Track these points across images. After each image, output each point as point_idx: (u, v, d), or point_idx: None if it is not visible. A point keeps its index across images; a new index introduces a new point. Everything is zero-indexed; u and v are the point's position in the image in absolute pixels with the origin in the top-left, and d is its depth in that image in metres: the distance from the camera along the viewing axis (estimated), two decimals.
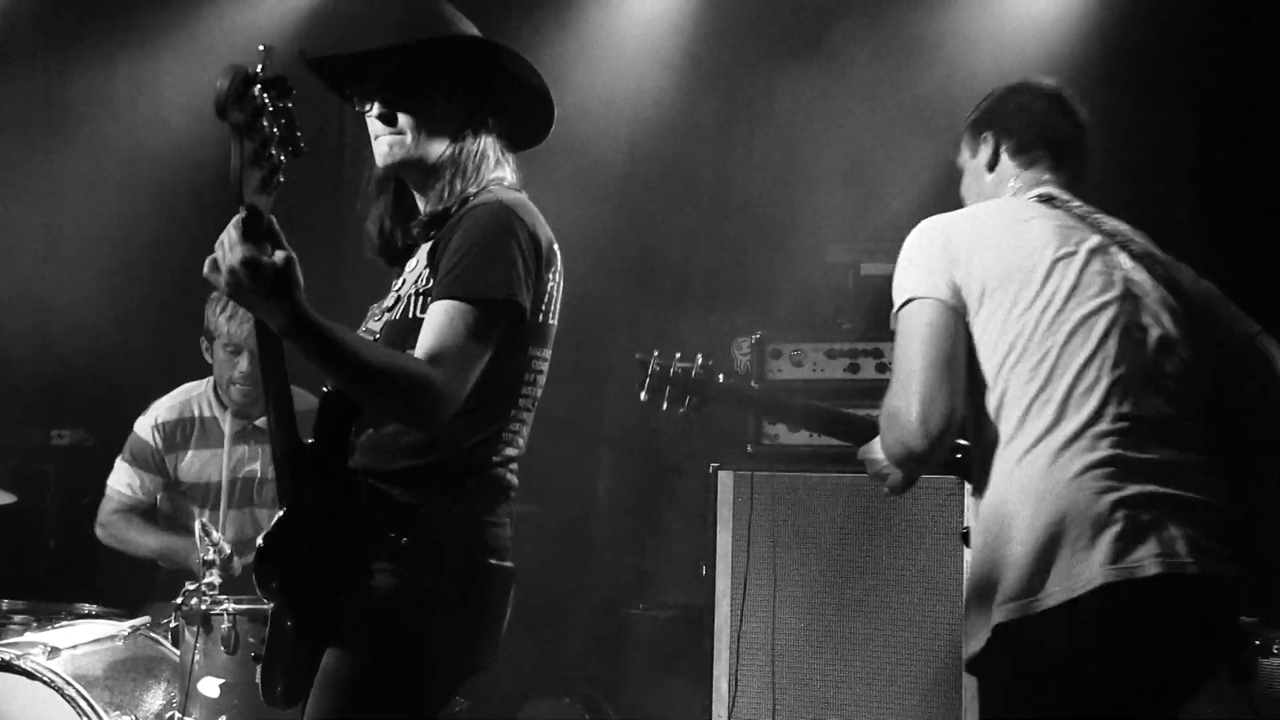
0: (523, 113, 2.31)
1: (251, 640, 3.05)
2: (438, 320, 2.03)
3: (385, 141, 2.21)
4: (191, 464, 3.91)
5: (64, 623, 3.40)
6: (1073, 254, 2.10)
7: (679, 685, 3.95)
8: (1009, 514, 2.00)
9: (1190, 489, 2.01)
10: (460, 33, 2.23)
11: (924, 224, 2.19)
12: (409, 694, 2.09)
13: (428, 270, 2.15)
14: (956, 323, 2.07)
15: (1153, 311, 2.11)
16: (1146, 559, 1.93)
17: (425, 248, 2.19)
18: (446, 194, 2.19)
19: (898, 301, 2.13)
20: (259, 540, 2.03)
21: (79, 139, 5.17)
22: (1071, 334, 2.03)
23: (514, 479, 2.21)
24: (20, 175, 5.16)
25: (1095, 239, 2.15)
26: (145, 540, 3.91)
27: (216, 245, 1.81)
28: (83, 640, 3.23)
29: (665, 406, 2.52)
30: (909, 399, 2.03)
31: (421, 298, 2.13)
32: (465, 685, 2.23)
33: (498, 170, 2.24)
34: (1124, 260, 2.14)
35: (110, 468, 4.04)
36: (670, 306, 4.50)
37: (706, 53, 4.76)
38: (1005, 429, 2.04)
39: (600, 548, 4.58)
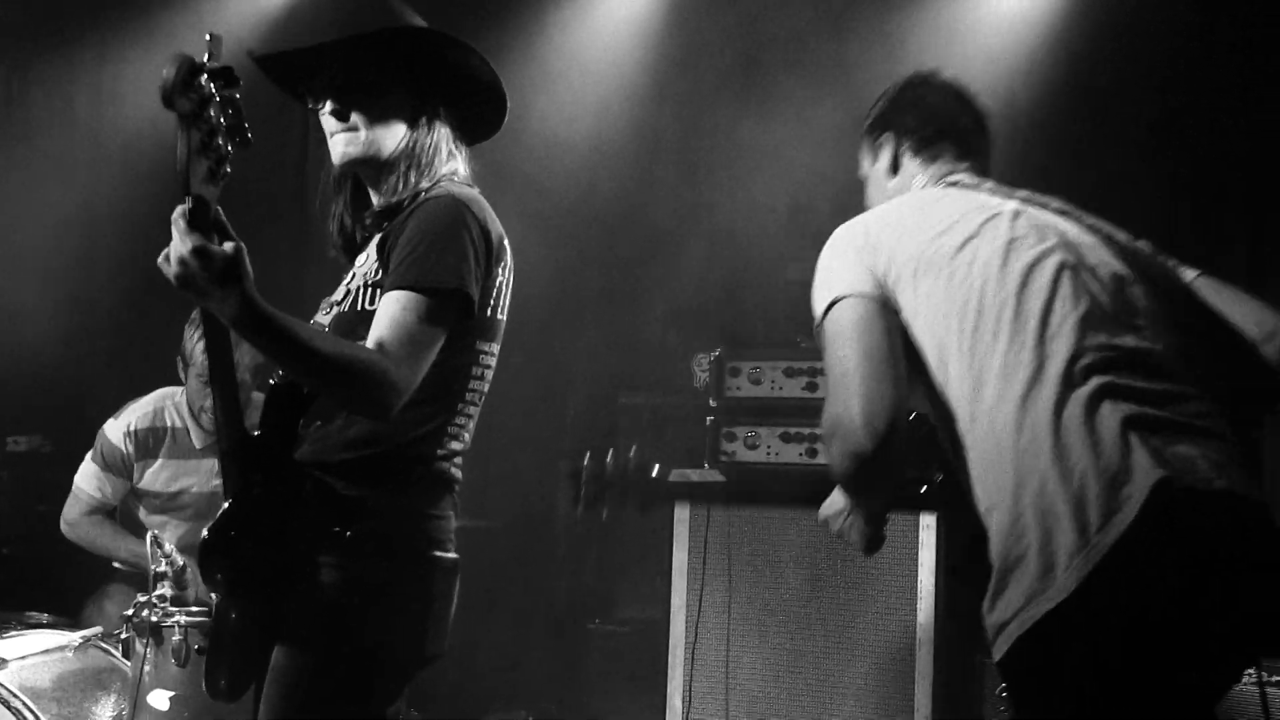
0: (475, 105, 2.31)
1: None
2: (389, 310, 2.03)
3: (340, 140, 2.20)
4: (159, 473, 3.90)
5: (14, 632, 3.37)
6: (997, 214, 2.00)
7: (635, 699, 3.96)
8: (1018, 480, 1.81)
9: (1194, 417, 1.85)
10: (407, 25, 2.22)
11: (836, 231, 2.07)
12: (359, 688, 2.08)
13: (377, 263, 2.15)
14: (887, 315, 1.94)
15: (1096, 253, 2.00)
16: (1185, 476, 1.75)
17: (375, 240, 2.19)
18: (400, 187, 2.18)
19: (820, 308, 1.99)
20: (203, 532, 2.03)
21: (37, 142, 5.15)
22: (1022, 284, 1.90)
23: (458, 473, 2.21)
24: None
25: (1013, 204, 2.04)
26: (116, 545, 3.90)
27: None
28: (32, 651, 3.20)
29: (605, 516, 2.42)
30: (849, 400, 1.87)
31: (371, 289, 2.13)
32: (415, 682, 2.21)
33: (450, 163, 2.23)
34: (1050, 215, 2.04)
35: (67, 472, 4.01)
36: (630, 323, 4.52)
37: (669, 70, 4.79)
38: (985, 394, 1.87)
39: (558, 562, 4.58)
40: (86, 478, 3.94)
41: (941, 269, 1.94)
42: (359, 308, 2.14)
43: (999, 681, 3.20)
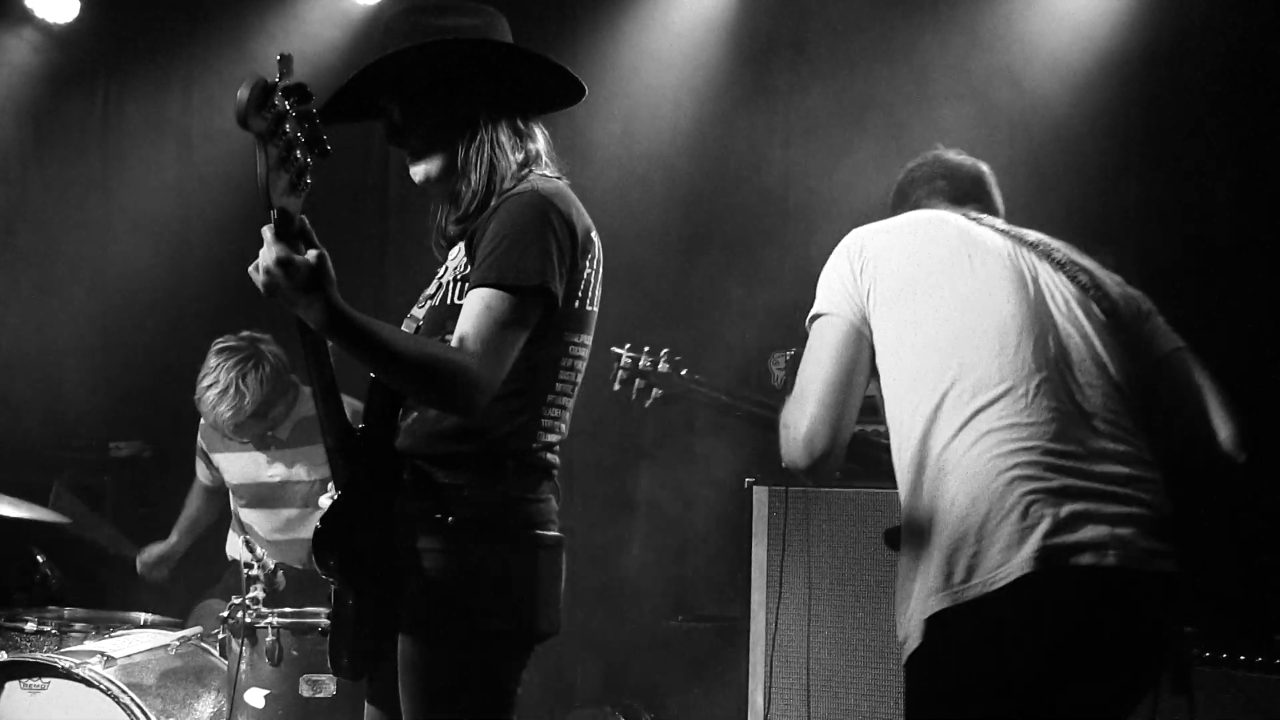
0: (536, 79, 2.31)
1: (295, 653, 3.14)
2: (473, 307, 2.07)
3: (411, 170, 2.28)
4: (232, 464, 4.03)
5: (120, 632, 3.52)
6: (986, 255, 2.12)
7: (716, 696, 3.99)
8: (933, 508, 2.01)
9: (1120, 484, 1.98)
10: (432, 37, 2.22)
11: (845, 238, 2.21)
12: (486, 669, 2.15)
13: (466, 258, 2.20)
14: (858, 342, 2.10)
15: (1070, 313, 2.10)
16: (1071, 550, 1.91)
17: (466, 237, 2.24)
18: (466, 194, 2.23)
19: (811, 313, 2.17)
20: (317, 523, 2.12)
21: (130, 152, 5.32)
22: (986, 331, 2.04)
23: (555, 459, 2.25)
24: (76, 193, 5.32)
25: (1008, 244, 2.16)
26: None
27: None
28: (137, 649, 3.34)
29: (634, 397, 2.76)
30: (799, 416, 2.08)
31: (460, 284, 2.18)
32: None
33: (518, 153, 2.25)
34: (1039, 262, 2.15)
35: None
36: (708, 322, 4.53)
37: (746, 67, 4.78)
38: (921, 425, 2.03)
39: (639, 559, 4.62)
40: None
41: (916, 298, 2.08)
42: (449, 302, 2.19)
43: None
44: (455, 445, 2.16)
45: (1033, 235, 2.21)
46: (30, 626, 3.47)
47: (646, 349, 2.83)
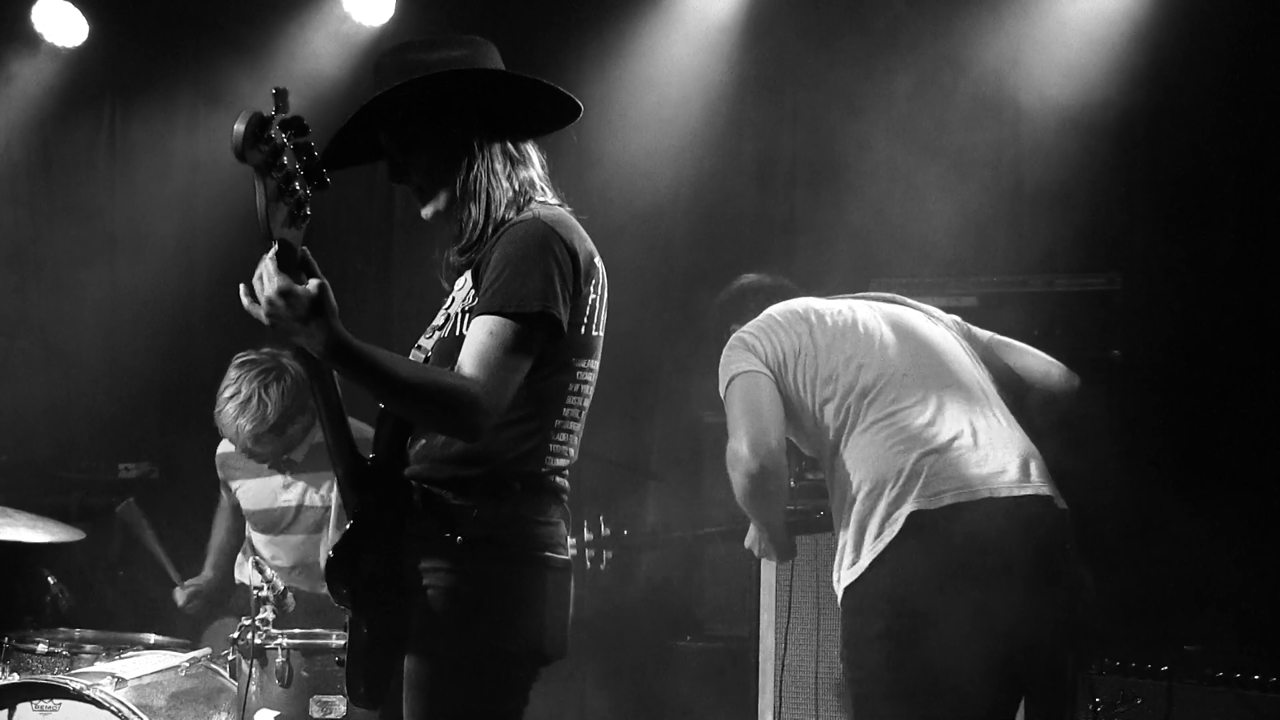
0: (525, 111, 2.33)
1: (304, 675, 3.14)
2: (476, 335, 2.10)
3: (421, 209, 2.31)
4: (247, 491, 4.03)
5: (130, 653, 3.53)
6: (838, 311, 2.73)
7: (725, 715, 3.98)
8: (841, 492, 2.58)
9: (984, 446, 2.51)
10: (410, 76, 2.23)
11: (730, 339, 2.77)
12: (487, 689, 2.16)
13: (472, 288, 2.22)
14: (765, 383, 2.65)
15: (915, 320, 2.74)
16: (946, 492, 2.44)
17: (471, 268, 2.26)
18: (468, 223, 2.25)
19: (723, 386, 2.70)
20: (329, 552, 2.14)
21: (140, 179, 5.35)
22: (848, 358, 2.63)
23: (565, 483, 2.27)
24: (85, 213, 5.35)
25: (850, 302, 2.77)
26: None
27: (255, 279, 1.90)
28: (147, 671, 3.34)
29: (589, 566, 3.17)
30: (739, 439, 2.59)
31: (467, 315, 2.19)
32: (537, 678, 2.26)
33: (514, 179, 2.27)
34: (880, 304, 2.78)
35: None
36: (713, 342, 4.53)
37: (759, 73, 4.79)
38: (825, 435, 2.63)
39: (647, 580, 4.62)
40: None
41: (806, 352, 2.66)
42: (457, 332, 2.20)
43: (1094, 694, 3.34)
44: (464, 469, 2.17)
45: (871, 294, 2.86)
46: (41, 648, 3.47)
47: (585, 523, 3.15)
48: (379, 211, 5.19)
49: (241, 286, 1.92)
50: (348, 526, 2.15)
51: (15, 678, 3.26)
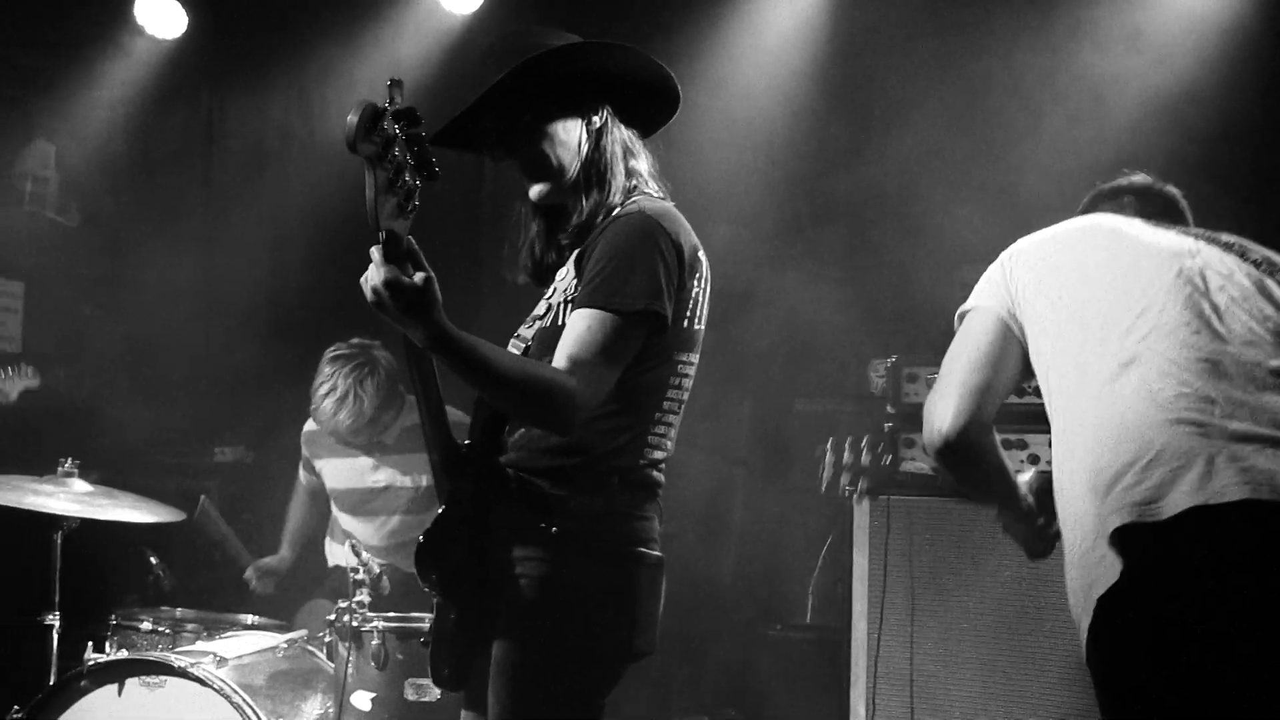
0: (641, 100, 2.33)
1: (400, 657, 3.17)
2: (576, 328, 2.10)
3: (531, 187, 2.30)
4: (334, 469, 4.08)
5: (230, 633, 3.60)
6: (1136, 244, 2.12)
7: (815, 705, 3.95)
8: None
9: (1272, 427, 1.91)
10: (536, 54, 2.23)
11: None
12: (575, 681, 2.16)
13: (575, 278, 2.22)
14: (1000, 331, 2.14)
15: (1226, 267, 2.08)
16: (1229, 486, 1.84)
17: (574, 256, 2.26)
18: (585, 206, 2.25)
19: (959, 310, 2.24)
20: (420, 537, 2.15)
21: (235, 170, 5.45)
22: (1127, 296, 2.05)
23: (660, 477, 2.26)
24: (181, 203, 5.47)
25: (1184, 240, 2.14)
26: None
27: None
28: (247, 651, 3.41)
29: (845, 494, 2.82)
30: (936, 400, 2.12)
31: (569, 305, 2.19)
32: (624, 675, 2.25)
33: (630, 162, 2.28)
34: (1224, 254, 2.12)
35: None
36: (805, 329, 4.50)
37: (848, 71, 4.75)
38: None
39: (738, 568, 4.60)
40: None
41: (1063, 286, 2.08)
42: (559, 322, 2.20)
43: None
44: (561, 459, 2.17)
45: (1227, 236, 2.17)
46: (145, 626, 3.55)
47: (849, 440, 2.88)
48: (466, 201, 5.22)
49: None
50: (439, 512, 2.16)
51: (124, 654, 3.33)
